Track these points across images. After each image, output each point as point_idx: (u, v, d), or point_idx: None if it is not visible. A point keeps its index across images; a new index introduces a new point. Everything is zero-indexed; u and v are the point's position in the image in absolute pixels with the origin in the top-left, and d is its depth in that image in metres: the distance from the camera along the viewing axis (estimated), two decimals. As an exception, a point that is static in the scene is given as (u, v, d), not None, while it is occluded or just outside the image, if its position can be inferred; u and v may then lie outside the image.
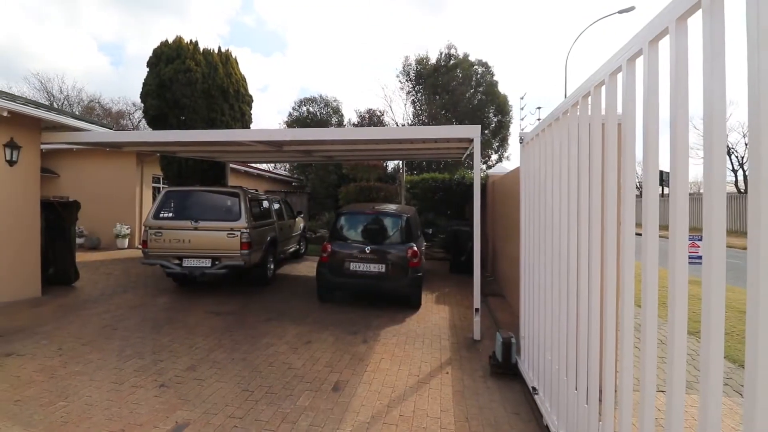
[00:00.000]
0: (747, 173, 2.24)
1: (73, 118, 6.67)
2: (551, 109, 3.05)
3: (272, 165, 23.47)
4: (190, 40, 10.56)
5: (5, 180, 5.93)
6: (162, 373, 3.74)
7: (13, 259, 6.03)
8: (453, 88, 21.96)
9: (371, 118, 25.20)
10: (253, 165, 17.38)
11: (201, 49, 10.61)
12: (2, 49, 39.92)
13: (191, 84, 9.96)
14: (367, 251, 5.96)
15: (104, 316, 5.43)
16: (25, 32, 41.90)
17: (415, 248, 6.04)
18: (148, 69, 10.32)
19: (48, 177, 11.74)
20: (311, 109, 27.03)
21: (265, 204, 8.10)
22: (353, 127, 21.05)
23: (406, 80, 24.53)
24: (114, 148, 9.20)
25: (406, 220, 6.36)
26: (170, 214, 6.64)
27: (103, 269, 8.65)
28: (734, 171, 26.14)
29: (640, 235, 1.69)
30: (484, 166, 19.21)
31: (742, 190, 24.06)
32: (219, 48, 11.03)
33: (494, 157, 23.32)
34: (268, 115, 56.57)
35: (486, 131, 21.13)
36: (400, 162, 21.85)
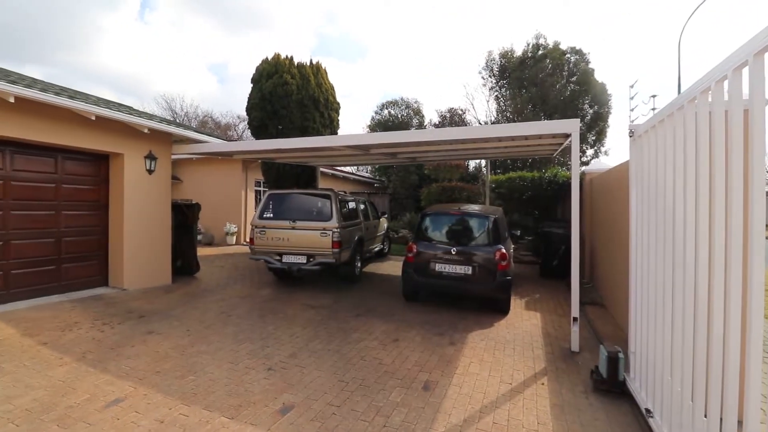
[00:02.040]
0: None
1: (195, 132, 7.76)
2: (667, 96, 2.71)
3: (355, 168, 24.49)
4: (286, 56, 11.54)
5: (146, 186, 7.12)
6: (269, 358, 4.16)
7: (152, 252, 7.22)
8: (541, 80, 20.60)
9: (452, 118, 24.88)
10: (339, 168, 18.34)
11: (295, 63, 11.53)
12: (137, 76, 48.02)
13: (287, 96, 10.88)
14: (453, 252, 5.89)
15: (220, 304, 6.21)
16: (152, 59, 49.94)
17: (504, 250, 5.82)
18: (252, 85, 11.53)
19: (174, 183, 13.78)
20: (392, 111, 27.66)
21: (353, 205, 8.50)
22: (441, 128, 20.94)
23: (489, 75, 23.69)
24: (226, 156, 10.46)
25: (493, 221, 6.15)
26: (272, 215, 7.34)
27: (217, 262, 9.90)
28: None
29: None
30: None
31: None
32: (310, 60, 11.87)
33: (590, 152, 21.35)
34: (352, 120, 59.12)
35: (580, 124, 19.41)
36: (482, 161, 21.20)
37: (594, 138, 21.00)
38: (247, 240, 8.09)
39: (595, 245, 7.69)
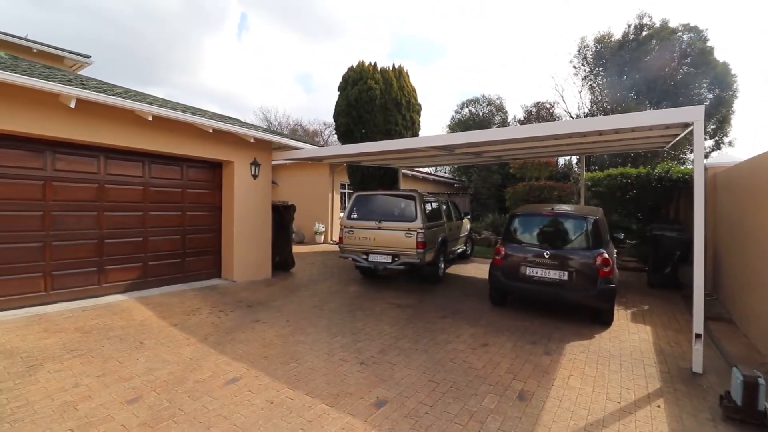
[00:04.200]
0: None
1: (291, 140, 8.46)
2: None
3: (434, 168, 24.33)
4: (370, 62, 11.95)
5: (251, 190, 7.94)
6: (361, 352, 4.35)
7: (257, 249, 8.02)
8: (646, 64, 18.31)
9: (539, 112, 23.35)
10: (418, 169, 18.41)
11: (378, 69, 11.87)
12: (236, 90, 53.75)
13: (371, 101, 11.26)
14: (546, 255, 5.55)
15: (313, 299, 6.67)
16: (248, 74, 55.54)
17: (606, 255, 5.31)
18: (338, 92, 12.16)
19: (272, 186, 15.14)
20: (473, 109, 26.96)
21: (436, 205, 8.48)
22: (535, 124, 19.89)
23: (582, 63, 21.74)
24: (316, 161, 11.21)
25: (593, 222, 5.65)
26: (359, 215, 7.66)
27: (308, 260, 10.63)
28: None
29: None
30: (692, 156, 15.33)
31: None
32: (393, 64, 12.13)
33: (709, 143, 18.43)
34: (430, 121, 58.81)
35: (697, 112, 16.79)
36: (573, 158, 19.51)
37: (714, 127, 18.07)
38: (336, 239, 8.54)
39: (720, 251, 6.62)
